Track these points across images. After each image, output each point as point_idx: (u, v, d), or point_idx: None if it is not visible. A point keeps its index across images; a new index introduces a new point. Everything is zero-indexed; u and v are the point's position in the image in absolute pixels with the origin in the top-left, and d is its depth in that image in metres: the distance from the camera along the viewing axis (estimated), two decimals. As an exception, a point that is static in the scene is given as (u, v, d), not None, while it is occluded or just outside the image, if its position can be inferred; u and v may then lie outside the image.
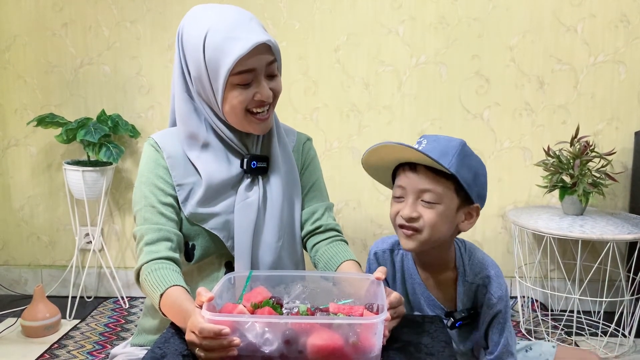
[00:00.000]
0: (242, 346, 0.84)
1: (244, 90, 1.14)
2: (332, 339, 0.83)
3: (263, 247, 1.24)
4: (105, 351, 1.97)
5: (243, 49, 1.09)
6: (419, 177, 1.06)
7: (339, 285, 1.06)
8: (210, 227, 1.20)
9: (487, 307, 1.12)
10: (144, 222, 1.17)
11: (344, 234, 1.33)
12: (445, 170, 1.03)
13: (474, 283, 1.14)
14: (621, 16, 2.20)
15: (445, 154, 1.04)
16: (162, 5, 2.31)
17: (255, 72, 1.13)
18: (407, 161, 1.08)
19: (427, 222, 1.05)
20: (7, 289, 2.53)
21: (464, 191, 1.07)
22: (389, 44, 2.28)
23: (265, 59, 1.13)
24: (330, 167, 2.32)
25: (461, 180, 1.05)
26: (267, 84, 1.16)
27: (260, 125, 1.19)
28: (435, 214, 1.05)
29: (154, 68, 2.35)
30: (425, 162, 1.05)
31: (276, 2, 2.28)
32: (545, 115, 2.29)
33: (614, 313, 2.08)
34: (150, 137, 1.24)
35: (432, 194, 1.05)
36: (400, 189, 1.09)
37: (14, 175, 2.47)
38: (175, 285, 1.09)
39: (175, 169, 1.21)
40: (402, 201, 1.08)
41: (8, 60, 2.38)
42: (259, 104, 1.16)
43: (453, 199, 1.07)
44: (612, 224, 1.93)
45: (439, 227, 1.06)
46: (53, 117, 2.21)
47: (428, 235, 1.06)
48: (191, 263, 1.24)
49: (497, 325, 1.12)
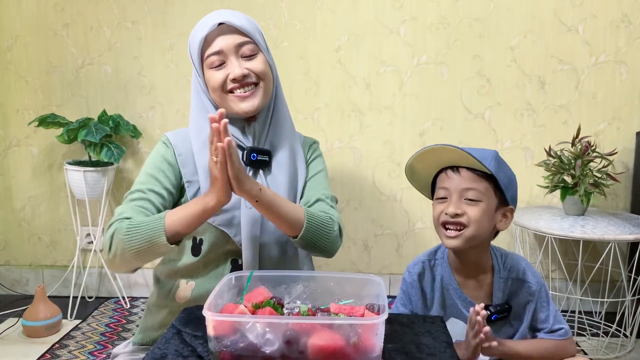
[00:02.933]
0: (243, 346, 0.84)
1: (217, 72, 1.22)
2: (333, 339, 0.83)
3: (269, 241, 1.26)
4: (106, 351, 1.97)
5: (203, 31, 1.20)
6: (461, 178, 1.15)
7: (340, 285, 1.06)
8: (218, 224, 1.23)
9: (529, 295, 1.21)
10: (129, 202, 1.20)
11: (342, 227, 1.29)
12: (486, 171, 1.13)
13: (509, 278, 1.22)
14: (622, 16, 2.20)
15: (484, 157, 1.13)
16: (163, 6, 2.31)
17: (223, 53, 1.21)
18: (451, 164, 1.17)
19: (471, 218, 1.13)
20: (9, 289, 2.53)
21: (501, 192, 1.16)
22: (390, 44, 2.28)
23: (232, 39, 1.21)
24: (331, 167, 2.32)
25: (499, 181, 1.14)
26: (242, 63, 1.22)
27: (241, 104, 1.23)
28: (478, 210, 1.14)
29: (155, 68, 2.35)
30: (468, 163, 1.14)
31: (277, 3, 2.28)
32: (547, 116, 2.28)
33: (615, 313, 2.08)
34: (164, 135, 1.30)
35: (475, 191, 1.14)
36: (444, 190, 1.17)
37: (15, 175, 2.47)
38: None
39: (185, 166, 1.26)
40: (446, 202, 1.17)
41: (9, 60, 2.39)
42: (234, 83, 1.22)
43: (492, 198, 1.16)
44: (614, 225, 1.93)
45: (482, 223, 1.15)
46: (54, 118, 2.21)
47: (472, 231, 1.14)
48: (198, 258, 1.25)
49: (543, 304, 1.21)
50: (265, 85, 1.25)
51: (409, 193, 2.35)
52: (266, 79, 1.25)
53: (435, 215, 1.18)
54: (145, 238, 1.10)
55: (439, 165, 1.20)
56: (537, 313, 1.22)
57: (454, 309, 1.23)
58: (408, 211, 2.38)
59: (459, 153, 1.13)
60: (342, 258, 2.40)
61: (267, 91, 1.26)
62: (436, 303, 1.24)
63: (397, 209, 2.38)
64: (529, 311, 1.22)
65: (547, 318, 1.21)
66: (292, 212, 1.16)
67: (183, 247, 1.28)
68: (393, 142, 2.33)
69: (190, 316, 1.08)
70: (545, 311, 1.22)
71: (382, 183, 2.36)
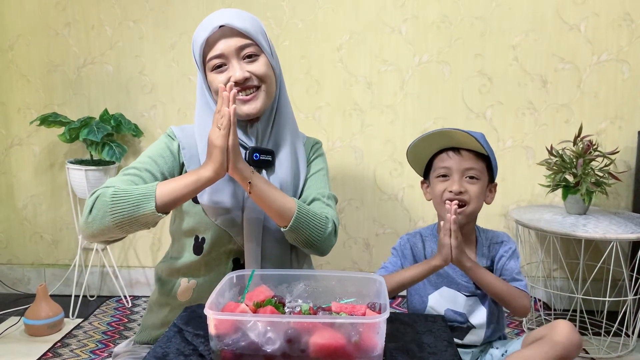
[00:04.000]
0: (244, 345, 0.84)
1: (219, 74, 1.23)
2: (334, 338, 0.83)
3: (271, 241, 1.27)
4: (108, 350, 1.97)
5: (205, 33, 1.21)
6: (462, 158, 1.28)
7: (341, 283, 1.06)
8: (220, 223, 1.23)
9: (504, 252, 1.33)
10: (121, 176, 1.20)
11: (337, 226, 1.29)
12: (483, 152, 1.27)
13: (490, 246, 1.35)
14: (624, 15, 2.20)
15: (478, 138, 1.24)
16: (164, 5, 2.31)
17: (225, 56, 1.21)
18: (453, 145, 1.29)
19: (472, 195, 1.27)
20: (10, 288, 2.54)
21: (491, 170, 1.31)
22: (391, 42, 2.28)
23: (234, 42, 1.21)
24: (332, 166, 2.32)
25: (492, 161, 1.30)
26: (243, 66, 1.22)
27: (243, 108, 1.23)
28: (478, 187, 1.28)
29: (156, 67, 2.35)
30: (468, 145, 1.27)
31: (279, 1, 2.27)
32: (548, 114, 2.28)
33: (617, 313, 2.08)
34: (170, 127, 1.31)
35: (476, 170, 1.28)
36: (445, 169, 1.29)
37: (17, 174, 2.48)
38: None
39: (189, 160, 1.26)
40: (448, 179, 1.29)
41: (11, 59, 2.39)
42: (236, 86, 1.21)
43: (486, 175, 1.31)
44: (615, 224, 1.93)
45: (480, 199, 1.29)
46: (56, 117, 2.21)
47: (473, 207, 1.28)
48: (199, 257, 1.26)
49: (513, 258, 1.32)
50: (267, 88, 1.25)
51: (410, 192, 2.35)
52: (268, 82, 1.25)
53: (437, 192, 1.29)
54: (132, 203, 1.08)
55: (440, 146, 1.31)
56: (507, 264, 1.32)
57: (443, 278, 1.32)
58: (409, 210, 2.37)
59: (461, 135, 1.25)
60: (343, 257, 2.40)
61: (270, 93, 1.26)
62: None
63: (398, 208, 2.38)
64: (500, 263, 1.33)
65: (513, 269, 1.31)
66: (283, 201, 1.18)
67: (185, 245, 1.29)
68: (394, 141, 2.33)
69: (192, 315, 1.08)
70: (513, 264, 1.32)
71: (384, 182, 2.36)
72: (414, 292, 1.35)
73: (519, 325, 2.17)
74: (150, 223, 1.12)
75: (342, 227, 2.38)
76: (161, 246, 2.48)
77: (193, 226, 1.26)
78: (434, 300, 1.32)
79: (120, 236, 1.16)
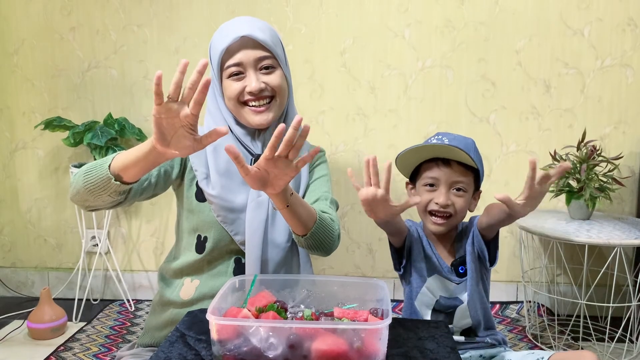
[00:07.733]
0: (246, 350, 0.84)
1: (235, 82, 1.24)
2: (336, 343, 0.83)
3: (272, 246, 1.28)
4: (111, 354, 1.98)
5: (226, 42, 1.22)
6: (452, 171, 1.27)
7: (344, 289, 1.06)
8: (222, 222, 1.24)
9: (467, 223, 1.36)
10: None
11: (339, 227, 1.30)
12: (473, 165, 1.26)
13: (465, 229, 1.36)
14: (628, 20, 2.19)
15: (469, 151, 1.24)
16: (168, 9, 2.32)
17: (243, 65, 1.23)
18: (444, 156, 1.27)
19: (458, 208, 1.28)
20: (14, 291, 2.55)
21: (478, 179, 1.31)
22: (395, 47, 2.28)
23: (253, 53, 1.23)
24: (335, 170, 2.32)
25: (480, 173, 1.29)
26: (259, 77, 1.24)
27: (255, 117, 1.25)
28: (464, 200, 1.28)
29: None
30: (459, 157, 1.25)
31: (282, 6, 2.28)
32: (552, 119, 2.28)
33: (621, 318, 2.07)
34: None
35: (463, 183, 1.28)
36: (433, 179, 1.29)
37: (21, 177, 2.49)
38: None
39: (197, 160, 1.27)
40: (434, 190, 1.28)
41: (16, 63, 2.40)
42: (250, 95, 1.24)
43: (472, 186, 1.30)
44: (619, 229, 1.92)
45: (465, 210, 1.30)
46: (60, 121, 2.22)
47: (457, 219, 1.30)
48: (202, 255, 1.27)
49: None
50: (280, 100, 1.28)
51: (414, 196, 2.35)
52: (281, 94, 1.28)
53: (423, 202, 1.29)
54: (96, 167, 1.08)
55: (430, 155, 1.30)
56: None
57: (433, 266, 1.32)
58: (412, 216, 2.37)
59: (456, 150, 1.22)
60: (346, 262, 2.40)
61: (281, 105, 1.29)
62: (418, 251, 1.34)
63: (401, 214, 2.37)
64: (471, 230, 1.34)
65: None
66: (308, 214, 1.16)
67: (188, 244, 1.31)
68: (398, 145, 2.33)
69: (194, 319, 1.09)
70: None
71: (387, 186, 2.36)
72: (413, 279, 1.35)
73: (522, 331, 2.16)
74: (113, 190, 1.08)
75: (345, 232, 2.38)
76: (164, 250, 2.49)
77: (196, 224, 1.29)
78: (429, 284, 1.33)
79: (99, 203, 1.12)
